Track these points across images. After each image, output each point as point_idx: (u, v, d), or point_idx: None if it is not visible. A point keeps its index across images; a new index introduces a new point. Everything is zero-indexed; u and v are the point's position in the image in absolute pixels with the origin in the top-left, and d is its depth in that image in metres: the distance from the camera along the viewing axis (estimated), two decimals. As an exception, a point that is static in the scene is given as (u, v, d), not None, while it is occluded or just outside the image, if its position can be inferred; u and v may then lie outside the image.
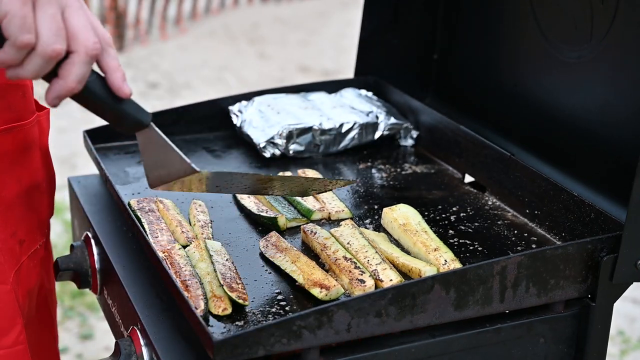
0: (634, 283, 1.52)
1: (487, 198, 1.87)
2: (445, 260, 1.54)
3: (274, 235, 1.63)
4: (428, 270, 1.50)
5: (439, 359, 1.42)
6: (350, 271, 1.50)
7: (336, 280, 1.50)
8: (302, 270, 1.50)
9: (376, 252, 1.56)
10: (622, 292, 1.51)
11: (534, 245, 1.66)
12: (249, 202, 1.77)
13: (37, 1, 1.09)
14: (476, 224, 1.74)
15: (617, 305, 1.54)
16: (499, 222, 1.76)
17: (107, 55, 1.18)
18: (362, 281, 1.47)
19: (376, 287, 1.48)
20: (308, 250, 1.63)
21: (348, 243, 1.60)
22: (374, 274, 1.50)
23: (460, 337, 1.42)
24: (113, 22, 7.12)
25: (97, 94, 1.19)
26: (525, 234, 1.71)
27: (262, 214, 1.72)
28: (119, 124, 1.23)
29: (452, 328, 1.43)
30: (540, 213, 1.73)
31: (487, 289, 1.41)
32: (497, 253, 1.63)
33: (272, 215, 1.70)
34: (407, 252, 1.61)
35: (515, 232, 1.72)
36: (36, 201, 1.59)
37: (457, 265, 1.53)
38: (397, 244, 1.65)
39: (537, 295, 1.45)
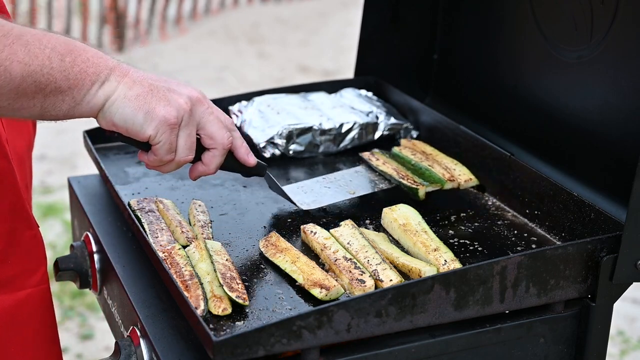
0: (634, 283, 1.52)
1: (487, 198, 1.87)
2: (445, 261, 1.54)
3: (273, 235, 1.63)
4: (428, 271, 1.50)
5: (438, 359, 1.42)
6: (350, 271, 1.50)
7: (336, 280, 1.50)
8: (302, 270, 1.50)
9: (376, 252, 1.56)
10: (622, 292, 1.51)
11: (534, 245, 1.66)
12: (388, 168, 1.88)
13: (181, 126, 1.45)
14: (476, 224, 1.74)
15: (617, 305, 1.54)
16: (499, 222, 1.76)
17: (234, 138, 1.57)
18: (362, 281, 1.47)
19: (376, 287, 1.48)
20: (308, 250, 1.63)
21: (348, 243, 1.60)
22: (374, 274, 1.50)
23: (460, 337, 1.42)
24: (113, 22, 7.13)
25: (229, 166, 1.61)
26: (525, 234, 1.71)
27: (402, 181, 1.82)
28: (246, 176, 1.68)
29: (452, 328, 1.43)
30: (540, 213, 1.73)
31: (487, 289, 1.41)
32: (497, 253, 1.63)
33: (413, 186, 1.80)
34: (407, 252, 1.61)
35: (515, 232, 1.72)
36: (29, 158, 1.76)
37: (457, 265, 1.53)
38: (397, 244, 1.65)
39: (537, 295, 1.45)
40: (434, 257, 1.56)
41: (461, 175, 1.85)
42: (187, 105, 1.44)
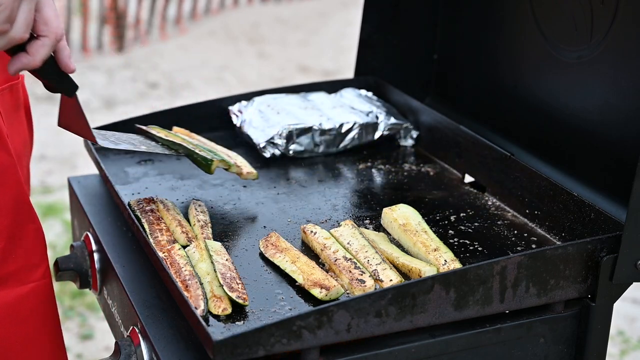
0: (634, 283, 1.52)
1: (487, 198, 1.87)
2: (445, 260, 1.54)
3: (273, 236, 1.63)
4: (428, 271, 1.50)
5: (438, 359, 1.42)
6: (350, 271, 1.50)
7: (336, 280, 1.50)
8: (302, 270, 1.50)
9: (376, 252, 1.56)
10: (622, 292, 1.51)
11: (534, 245, 1.66)
12: (177, 138, 1.84)
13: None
14: (476, 224, 1.74)
15: (617, 305, 1.54)
16: (499, 222, 1.76)
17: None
18: (362, 281, 1.47)
19: (376, 287, 1.48)
20: (308, 250, 1.63)
21: (348, 243, 1.59)
22: (374, 274, 1.50)
23: (460, 337, 1.42)
24: (113, 22, 7.12)
25: (47, 69, 1.43)
26: (525, 234, 1.71)
27: (196, 151, 1.78)
28: (52, 90, 1.51)
29: (452, 328, 1.43)
30: (540, 213, 1.73)
31: (487, 289, 1.41)
32: (497, 253, 1.63)
33: (207, 156, 1.77)
34: (407, 252, 1.61)
35: (515, 232, 1.72)
36: (27, 154, 1.77)
37: (457, 265, 1.53)
38: (397, 244, 1.65)
39: (537, 295, 1.45)
40: (434, 257, 1.56)
41: (242, 166, 1.85)
42: None
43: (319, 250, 1.59)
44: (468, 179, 1.98)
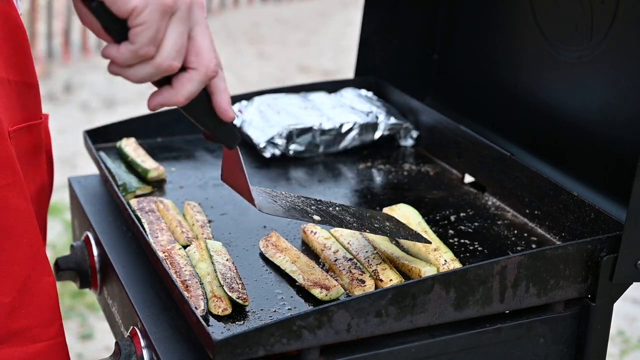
0: (634, 283, 1.52)
1: (487, 198, 1.87)
2: (445, 260, 1.54)
3: (273, 235, 1.63)
4: (428, 270, 1.50)
5: (438, 359, 1.42)
6: (350, 271, 1.50)
7: (336, 280, 1.50)
8: (302, 270, 1.50)
9: (376, 252, 1.56)
10: (622, 292, 1.51)
11: (534, 245, 1.66)
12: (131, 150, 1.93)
13: (174, 16, 1.12)
14: (476, 224, 1.74)
15: (617, 305, 1.54)
16: (499, 222, 1.76)
17: (218, 77, 1.21)
18: (362, 281, 1.47)
19: (376, 287, 1.48)
20: (308, 250, 1.63)
21: (348, 243, 1.59)
22: (374, 274, 1.50)
23: (460, 337, 1.42)
24: (113, 22, 7.12)
25: (198, 111, 1.22)
26: (525, 234, 1.71)
27: (137, 160, 1.88)
28: (211, 139, 1.29)
29: (452, 328, 1.42)
30: (540, 213, 1.73)
31: (487, 289, 1.41)
32: (497, 253, 1.63)
33: (147, 167, 1.86)
34: (408, 252, 1.61)
35: (515, 232, 1.72)
36: (44, 202, 1.62)
37: (456, 265, 1.53)
38: (397, 243, 1.65)
39: (537, 295, 1.45)
40: (434, 256, 1.56)
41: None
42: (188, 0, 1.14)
43: (319, 250, 1.59)
44: (468, 179, 1.98)
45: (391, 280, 1.48)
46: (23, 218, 1.38)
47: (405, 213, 1.70)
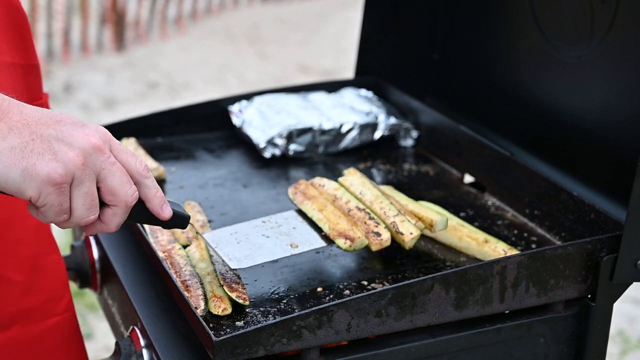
0: (634, 283, 1.52)
1: (487, 198, 1.87)
2: (504, 250, 1.56)
3: (303, 183, 1.60)
4: (439, 221, 1.49)
5: (439, 359, 1.42)
6: (365, 222, 1.46)
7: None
8: (329, 219, 1.47)
9: (391, 202, 1.51)
10: (622, 292, 1.51)
11: (534, 245, 1.66)
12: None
13: (73, 184, 1.18)
14: (476, 223, 1.74)
15: (617, 305, 1.54)
16: (499, 222, 1.76)
17: (145, 187, 1.27)
18: (378, 234, 1.45)
19: (394, 240, 1.46)
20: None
21: (360, 193, 1.53)
22: (393, 226, 1.47)
23: (460, 337, 1.42)
24: (113, 22, 7.12)
25: (140, 218, 1.30)
26: (525, 234, 1.71)
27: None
28: (167, 227, 1.36)
29: (452, 328, 1.43)
30: (540, 213, 1.73)
31: (487, 289, 1.41)
32: (497, 253, 1.63)
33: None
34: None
35: (515, 232, 1.72)
36: None
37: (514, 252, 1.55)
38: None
39: (537, 295, 1.45)
40: (490, 248, 1.57)
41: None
42: (79, 159, 1.16)
43: (329, 203, 1.56)
44: (468, 179, 1.98)
45: (411, 233, 1.46)
46: (24, 202, 1.40)
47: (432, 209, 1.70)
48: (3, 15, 1.43)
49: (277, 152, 2.02)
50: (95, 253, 1.75)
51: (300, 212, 1.58)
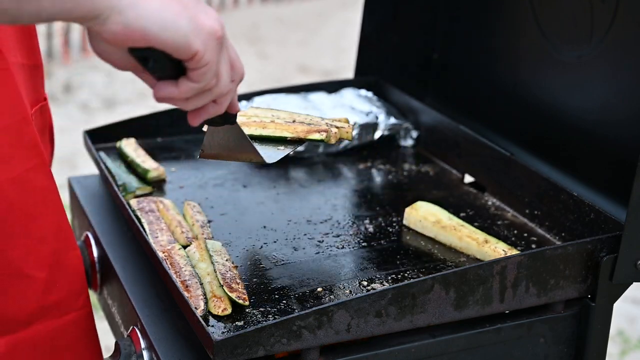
0: (634, 283, 1.52)
1: (487, 198, 1.87)
2: (504, 250, 1.55)
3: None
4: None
5: (439, 359, 1.42)
6: (310, 124, 1.59)
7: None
8: (284, 129, 1.55)
9: (307, 114, 1.64)
10: (622, 292, 1.51)
11: (534, 245, 1.66)
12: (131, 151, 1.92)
13: (223, 46, 1.14)
14: (476, 224, 1.74)
15: (617, 305, 1.54)
16: (499, 222, 1.76)
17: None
18: (330, 129, 1.58)
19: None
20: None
21: (272, 116, 1.67)
22: (331, 124, 1.61)
23: (460, 337, 1.42)
24: (113, 22, 7.12)
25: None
26: (525, 234, 1.71)
27: (136, 160, 1.88)
28: (212, 124, 1.33)
29: (452, 328, 1.43)
30: (540, 213, 1.73)
31: (487, 289, 1.41)
32: (497, 253, 1.63)
33: (147, 168, 1.86)
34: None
35: (515, 232, 1.72)
36: None
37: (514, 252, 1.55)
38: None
39: (537, 295, 1.45)
40: (490, 248, 1.57)
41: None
42: (220, 26, 1.13)
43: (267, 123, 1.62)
44: (468, 179, 1.98)
45: (351, 124, 1.61)
46: (49, 197, 1.45)
47: (430, 210, 1.70)
48: None
49: (277, 152, 2.02)
50: (95, 253, 1.75)
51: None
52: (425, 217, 1.69)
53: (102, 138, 2.02)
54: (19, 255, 1.41)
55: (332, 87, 2.29)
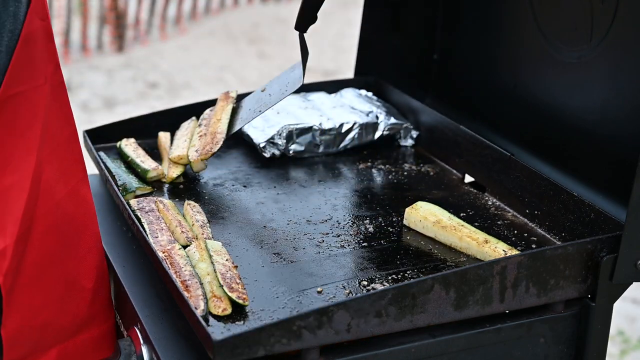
0: (634, 283, 1.52)
1: (487, 198, 1.87)
2: (504, 251, 1.55)
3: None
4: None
5: (439, 359, 1.42)
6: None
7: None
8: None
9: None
10: (622, 292, 1.51)
11: (534, 245, 1.66)
12: (130, 150, 1.95)
13: None
14: (476, 224, 1.74)
15: (617, 305, 1.54)
16: (499, 222, 1.76)
17: None
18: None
19: None
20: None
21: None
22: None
23: (460, 337, 1.42)
24: (113, 22, 7.12)
25: None
26: (525, 234, 1.71)
27: (136, 160, 1.90)
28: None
29: (452, 328, 1.43)
30: (540, 213, 1.73)
31: (487, 289, 1.41)
32: (497, 253, 1.63)
33: (147, 167, 1.87)
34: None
35: (515, 232, 1.72)
36: None
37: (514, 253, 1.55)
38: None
39: (537, 295, 1.45)
40: (489, 248, 1.57)
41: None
42: None
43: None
44: (468, 179, 1.98)
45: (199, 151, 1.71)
46: (92, 208, 1.52)
47: (431, 210, 1.70)
48: None
49: (277, 152, 2.02)
50: (95, 253, 1.74)
51: None
52: (425, 217, 1.69)
53: (102, 138, 2.02)
54: (74, 265, 1.47)
55: (332, 87, 2.29)
